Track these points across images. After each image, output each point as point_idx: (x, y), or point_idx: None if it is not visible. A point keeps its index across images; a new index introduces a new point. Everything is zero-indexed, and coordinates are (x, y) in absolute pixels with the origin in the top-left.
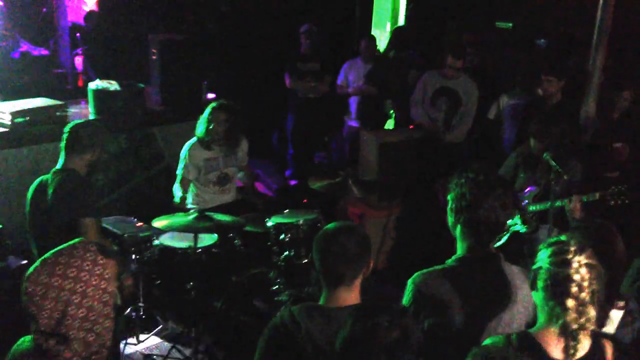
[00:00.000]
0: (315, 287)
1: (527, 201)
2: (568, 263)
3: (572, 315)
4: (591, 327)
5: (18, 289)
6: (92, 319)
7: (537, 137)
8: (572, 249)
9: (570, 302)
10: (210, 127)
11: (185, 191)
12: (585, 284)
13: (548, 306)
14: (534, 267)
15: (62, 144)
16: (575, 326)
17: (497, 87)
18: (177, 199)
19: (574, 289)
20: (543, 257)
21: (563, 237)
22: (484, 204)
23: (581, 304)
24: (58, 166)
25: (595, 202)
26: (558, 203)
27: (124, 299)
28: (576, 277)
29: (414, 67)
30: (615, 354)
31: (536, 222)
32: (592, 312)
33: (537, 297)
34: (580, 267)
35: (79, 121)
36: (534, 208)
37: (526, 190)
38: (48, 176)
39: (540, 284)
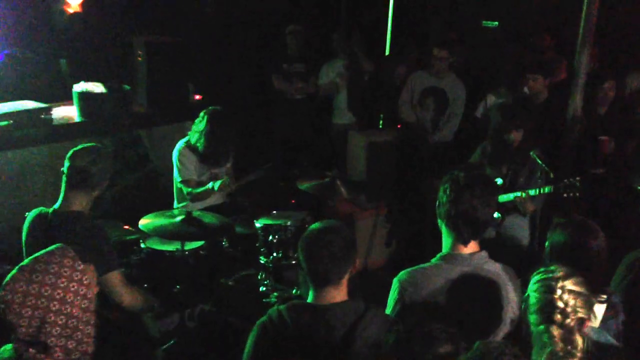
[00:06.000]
0: (303, 288)
1: None
2: (552, 289)
3: (559, 344)
4: (579, 354)
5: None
6: (72, 325)
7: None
8: (557, 275)
9: (555, 330)
10: (207, 141)
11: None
12: (569, 310)
13: (537, 332)
14: (525, 295)
15: (65, 179)
16: (562, 354)
17: (484, 86)
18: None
19: (558, 315)
20: (531, 285)
21: (552, 266)
22: (462, 200)
23: (568, 331)
24: (57, 205)
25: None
26: (512, 195)
27: None
28: (559, 303)
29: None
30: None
31: (500, 213)
32: (579, 340)
33: (530, 323)
34: (563, 294)
35: (82, 152)
36: (500, 199)
37: None
38: (48, 211)
39: (530, 309)
